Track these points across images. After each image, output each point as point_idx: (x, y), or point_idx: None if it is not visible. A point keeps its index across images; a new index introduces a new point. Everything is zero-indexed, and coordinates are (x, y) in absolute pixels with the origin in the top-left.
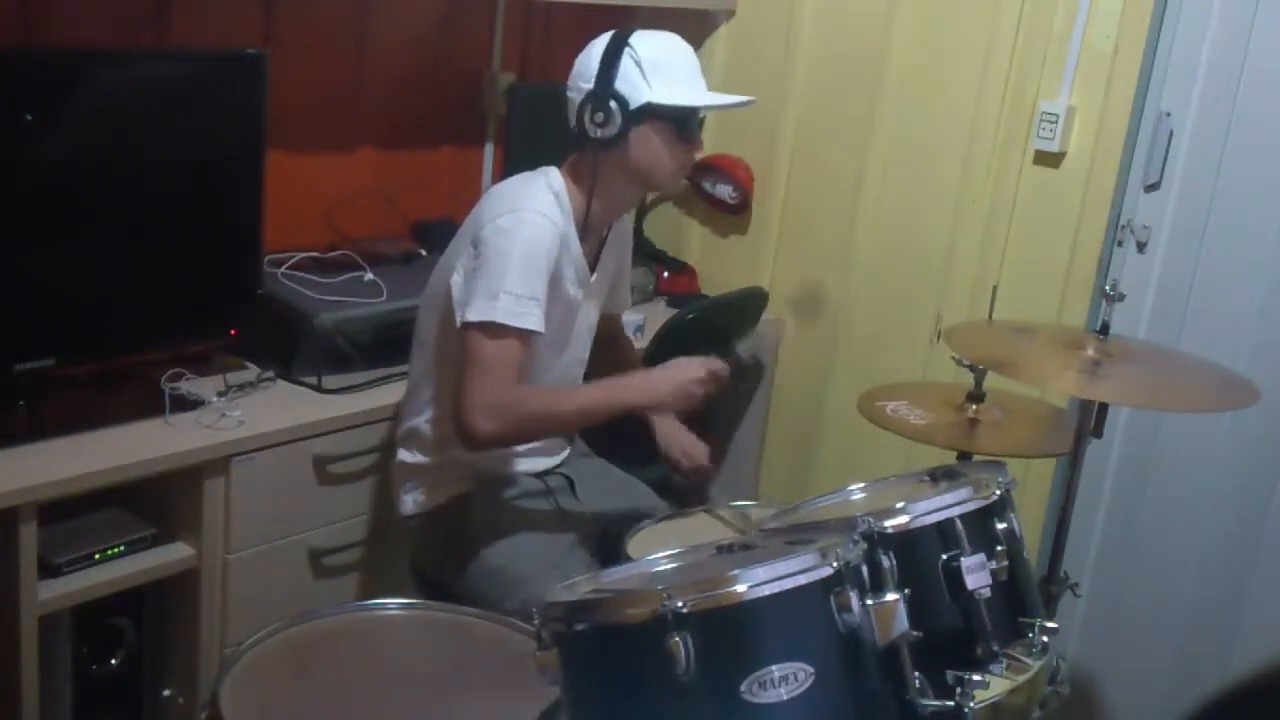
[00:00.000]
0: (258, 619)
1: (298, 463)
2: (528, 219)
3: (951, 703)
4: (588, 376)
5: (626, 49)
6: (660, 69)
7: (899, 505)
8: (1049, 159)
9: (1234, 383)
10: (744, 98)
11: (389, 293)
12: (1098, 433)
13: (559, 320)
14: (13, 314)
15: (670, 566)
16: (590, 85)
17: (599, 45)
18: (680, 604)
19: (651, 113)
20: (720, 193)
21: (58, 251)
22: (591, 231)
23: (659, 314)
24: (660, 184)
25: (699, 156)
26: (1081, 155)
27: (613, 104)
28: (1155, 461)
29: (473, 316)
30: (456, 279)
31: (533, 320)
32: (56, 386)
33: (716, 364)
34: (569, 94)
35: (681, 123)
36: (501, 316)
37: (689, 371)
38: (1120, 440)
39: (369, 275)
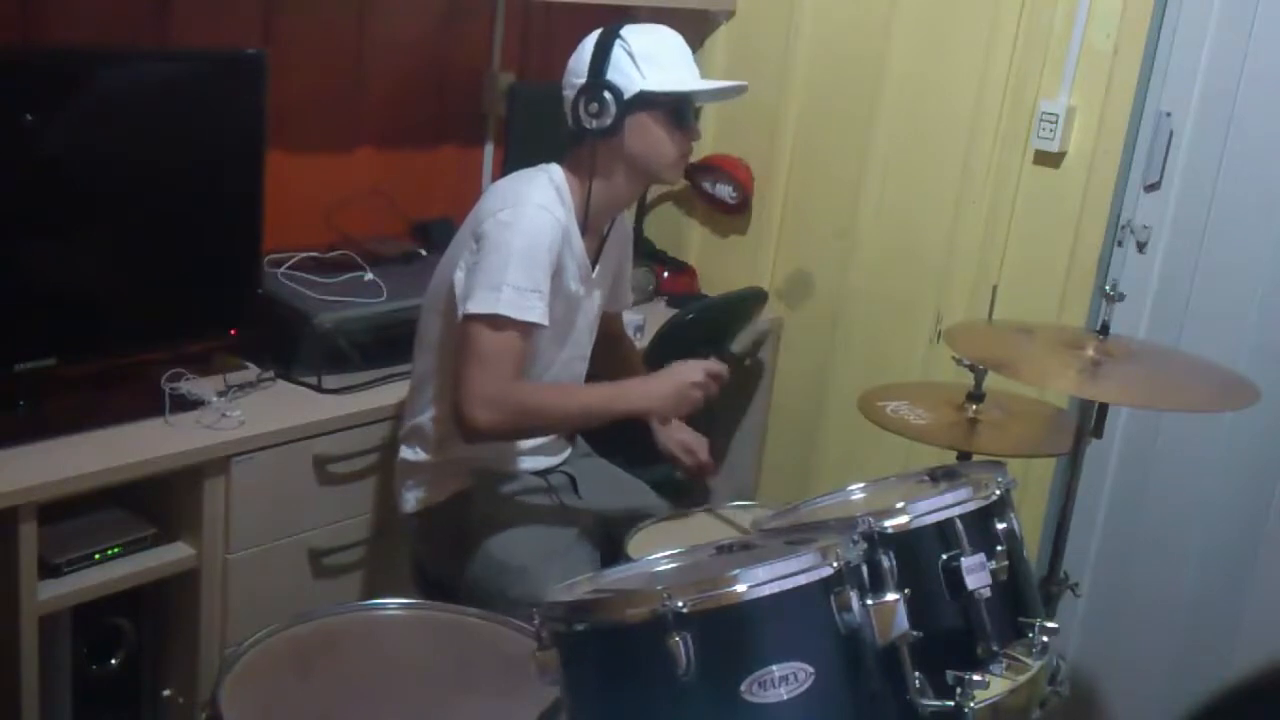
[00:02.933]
0: (258, 619)
1: (298, 463)
2: (529, 212)
3: (951, 703)
4: (590, 377)
5: (618, 41)
6: (652, 58)
7: (899, 505)
8: (1049, 159)
9: (1234, 383)
10: (737, 83)
11: (389, 293)
12: (1098, 433)
13: (561, 315)
14: (13, 314)
15: (670, 566)
16: (583, 79)
17: (590, 41)
18: (680, 604)
19: (646, 101)
20: (720, 193)
21: (58, 251)
22: (593, 226)
23: (659, 314)
24: (659, 173)
25: (695, 145)
26: (1081, 155)
27: (606, 94)
28: (1155, 461)
29: (475, 309)
30: (459, 275)
31: (536, 313)
32: (56, 386)
33: (714, 365)
34: (564, 91)
35: (677, 110)
36: (504, 309)
37: (687, 375)
38: (1120, 440)
39: (369, 275)
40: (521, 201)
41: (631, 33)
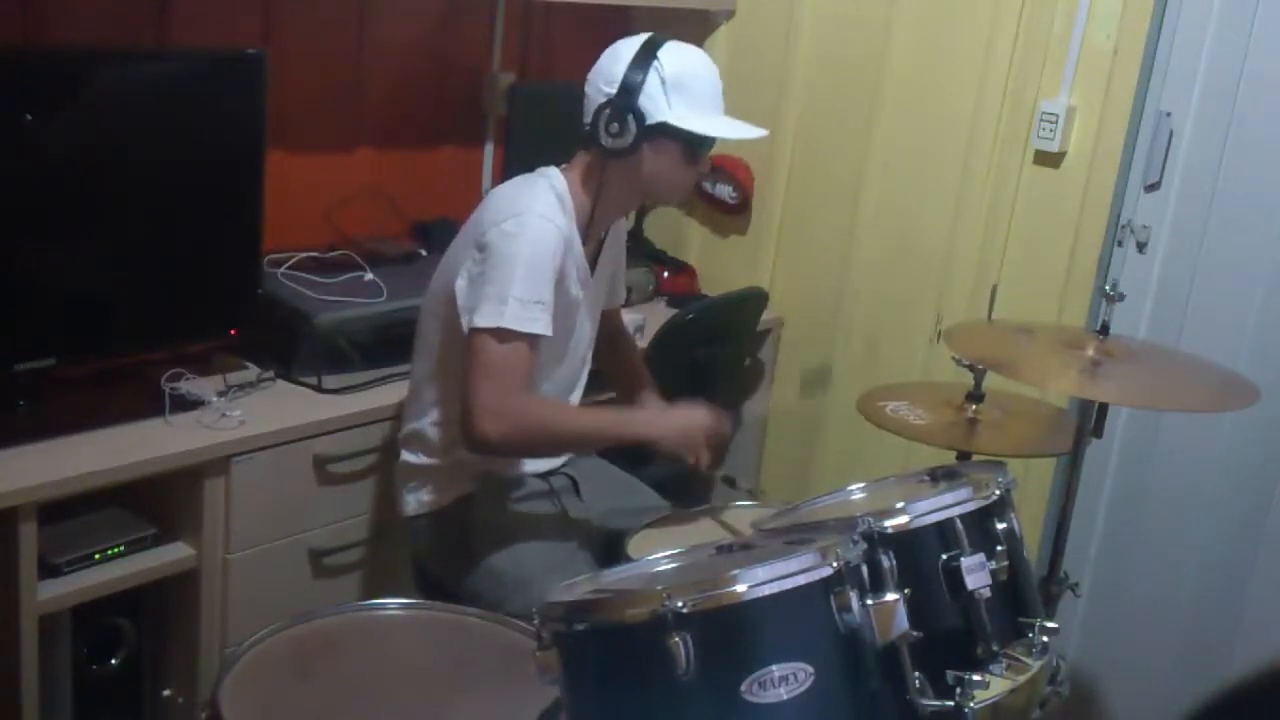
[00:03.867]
0: (258, 619)
1: (298, 463)
2: (532, 223)
3: (951, 703)
4: (593, 375)
5: (654, 63)
6: (684, 90)
7: (899, 505)
8: (1049, 159)
9: (1234, 383)
10: (758, 131)
11: (389, 293)
12: (1098, 433)
13: (562, 320)
14: (13, 314)
15: (670, 566)
16: (613, 90)
17: (627, 50)
18: (680, 604)
19: (666, 131)
20: (720, 193)
21: (58, 251)
22: (593, 233)
23: (659, 314)
24: (662, 198)
25: (703, 174)
26: (1081, 155)
27: (630, 118)
28: (1155, 461)
29: (481, 322)
30: (461, 284)
31: (540, 325)
32: (56, 386)
33: (724, 423)
34: (587, 89)
35: (693, 146)
36: (510, 322)
37: (699, 419)
38: (1120, 440)
39: (369, 275)
40: (524, 211)
41: (669, 55)
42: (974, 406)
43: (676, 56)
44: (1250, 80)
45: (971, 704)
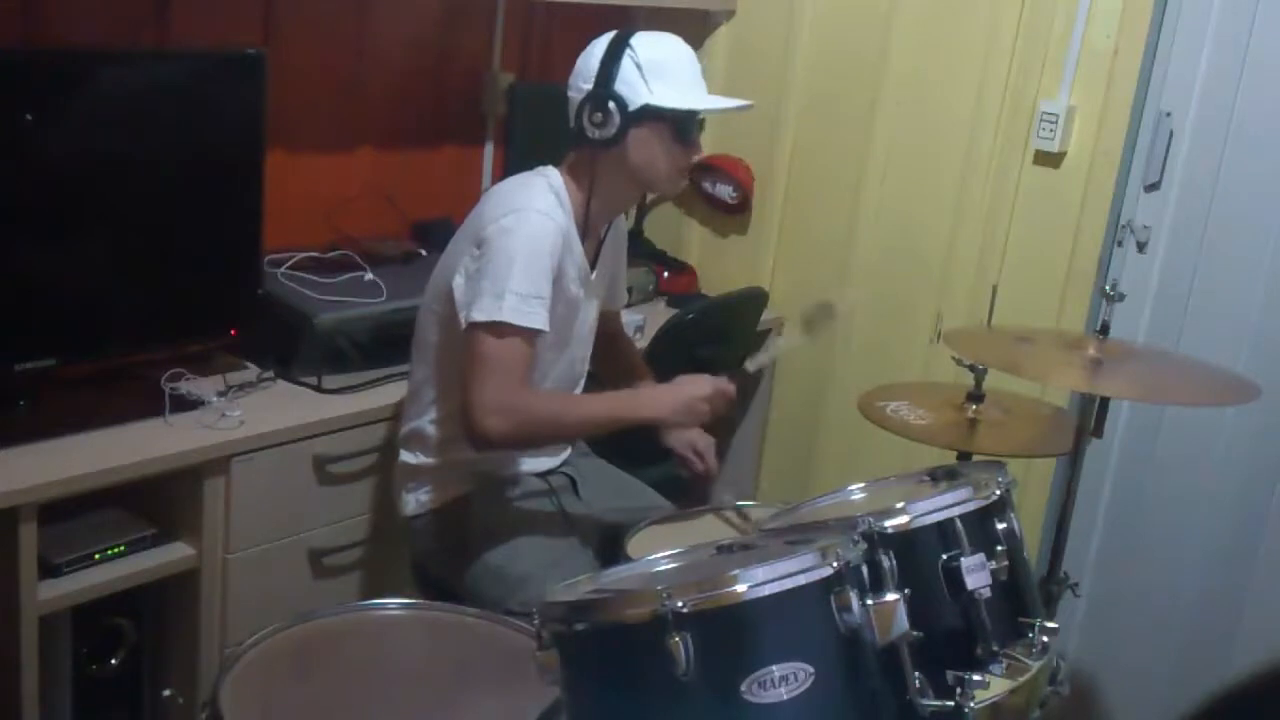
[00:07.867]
0: (258, 619)
1: (298, 463)
2: (530, 219)
3: (951, 703)
4: (591, 376)
5: (627, 50)
6: (660, 71)
7: (899, 505)
8: (1049, 159)
9: (1234, 381)
10: (742, 101)
11: (389, 293)
12: (1098, 432)
13: (561, 318)
14: (13, 314)
15: (670, 566)
16: (590, 85)
17: (600, 46)
18: (680, 604)
19: (649, 114)
20: (720, 193)
21: (58, 251)
22: (592, 230)
23: (659, 314)
24: (657, 186)
25: (697, 159)
26: (1081, 155)
27: (611, 105)
28: (1155, 461)
29: (479, 316)
30: (459, 280)
31: (539, 319)
32: (56, 386)
33: (725, 383)
34: (569, 93)
35: (680, 125)
36: (508, 316)
37: (697, 389)
38: (1120, 440)
39: (369, 275)
40: (523, 207)
41: (641, 42)
42: (974, 406)
43: (648, 42)
44: (1250, 80)
45: (971, 704)
